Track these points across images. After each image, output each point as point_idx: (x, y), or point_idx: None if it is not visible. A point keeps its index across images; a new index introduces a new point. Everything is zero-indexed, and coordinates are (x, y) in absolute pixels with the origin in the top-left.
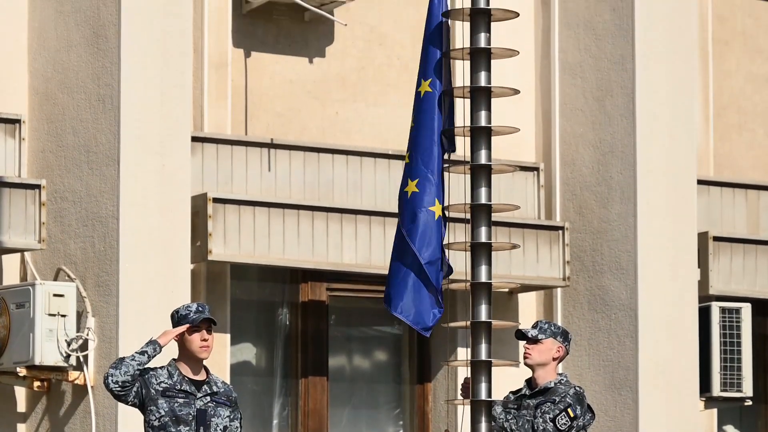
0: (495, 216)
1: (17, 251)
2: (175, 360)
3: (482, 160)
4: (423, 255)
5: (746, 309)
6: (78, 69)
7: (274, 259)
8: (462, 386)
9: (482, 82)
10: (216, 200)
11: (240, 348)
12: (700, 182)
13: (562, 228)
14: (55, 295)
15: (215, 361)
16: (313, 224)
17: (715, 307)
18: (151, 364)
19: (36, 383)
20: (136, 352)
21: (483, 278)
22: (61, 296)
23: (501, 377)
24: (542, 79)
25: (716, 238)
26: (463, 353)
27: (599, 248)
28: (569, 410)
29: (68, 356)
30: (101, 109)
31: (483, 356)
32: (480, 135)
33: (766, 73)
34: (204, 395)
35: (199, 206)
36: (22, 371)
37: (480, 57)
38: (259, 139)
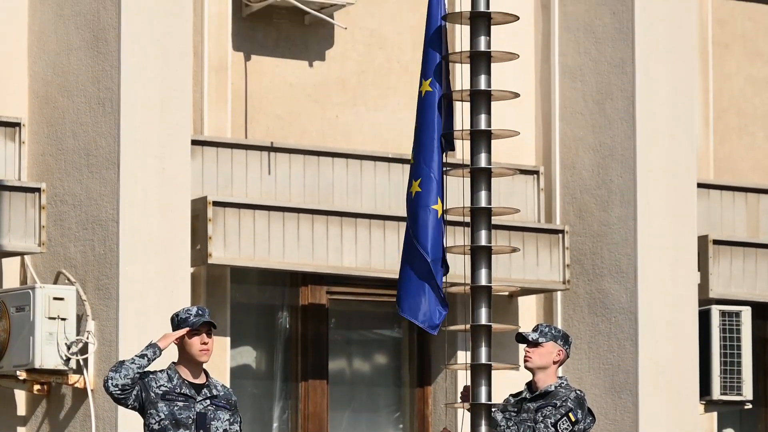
0: (495, 219)
1: (17, 254)
2: (175, 363)
3: (482, 164)
4: (428, 253)
5: (746, 312)
6: (78, 72)
7: (274, 263)
8: (462, 395)
9: (482, 86)
10: (216, 203)
11: (240, 351)
12: (700, 185)
13: (562, 231)
14: (55, 299)
15: (215, 365)
16: (313, 227)
17: (715, 311)
18: (151, 368)
19: (36, 387)
20: (136, 356)
21: (483, 281)
22: (61, 299)
23: (501, 381)
24: (542, 83)
25: (716, 242)
26: (463, 357)
27: (599, 251)
28: (570, 414)
29: (68, 359)
30: (101, 113)
31: (483, 360)
32: (480, 138)
33: (766, 76)
34: (204, 398)
35: (199, 209)
36: (22, 375)
37: (480, 60)
38: (259, 143)
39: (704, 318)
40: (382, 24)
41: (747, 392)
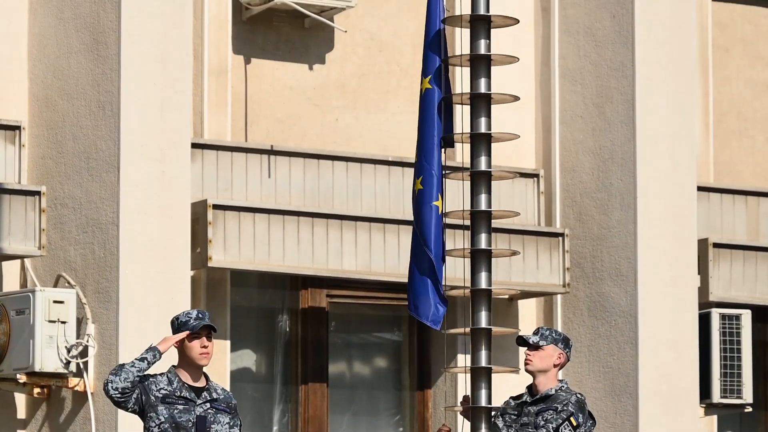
0: (495, 222)
1: (17, 258)
2: (175, 367)
3: (482, 167)
4: (431, 250)
5: (746, 315)
6: (78, 75)
7: (274, 266)
8: (461, 404)
9: (482, 89)
10: (216, 207)
11: (240, 355)
12: (700, 189)
13: (562, 234)
14: (55, 302)
15: (215, 368)
16: (313, 231)
17: (715, 314)
18: (151, 371)
19: (36, 390)
20: (136, 359)
21: (483, 285)
22: (61, 303)
23: (501, 384)
24: (542, 86)
25: (716, 245)
26: (463, 360)
27: (599, 255)
28: (572, 419)
29: (68, 363)
30: (101, 116)
31: (483, 363)
32: (480, 141)
33: (766, 80)
34: (204, 402)
35: (199, 213)
36: (22, 378)
37: (480, 64)
38: (259, 146)
39: (704, 321)
40: (382, 27)
41: (747, 395)
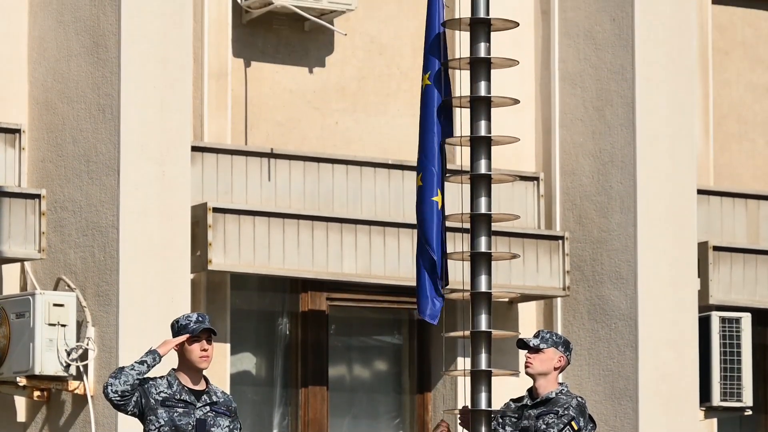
0: (495, 226)
1: (17, 261)
2: (175, 370)
3: (482, 170)
4: (432, 248)
5: (746, 319)
6: (78, 78)
7: (274, 269)
8: (460, 415)
9: (482, 92)
10: (216, 210)
11: (240, 358)
12: (700, 192)
13: (562, 238)
14: (55, 305)
15: (215, 371)
16: (313, 234)
17: (715, 317)
18: (151, 374)
19: (36, 393)
20: (136, 362)
21: (483, 288)
22: (61, 306)
23: (501, 387)
24: (542, 89)
25: (716, 248)
26: (463, 363)
27: (599, 258)
28: (573, 423)
29: (68, 366)
30: (101, 119)
31: (483, 366)
32: (480, 145)
33: (766, 83)
34: (203, 405)
35: (199, 216)
36: (22, 381)
37: (480, 67)
38: (259, 149)
39: (704, 324)
40: (382, 30)
41: (747, 398)
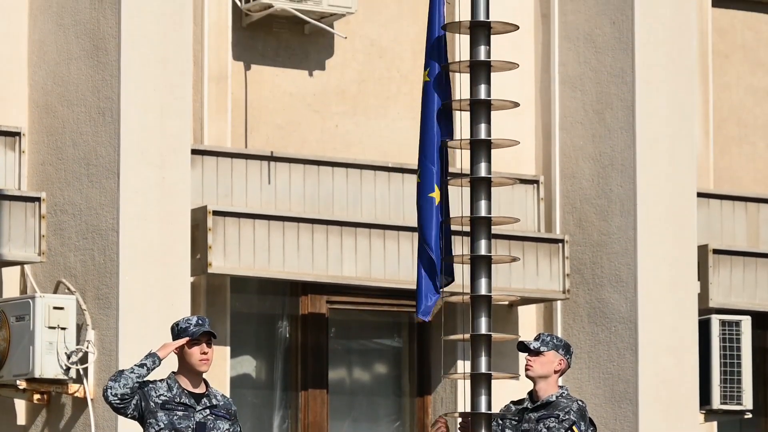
0: (495, 229)
1: (17, 264)
2: (175, 373)
3: (482, 173)
4: (430, 246)
5: (746, 322)
6: (78, 82)
7: (274, 272)
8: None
9: (482, 95)
10: (216, 213)
11: (240, 361)
12: (700, 195)
13: (562, 241)
14: (55, 308)
15: (215, 374)
16: (313, 237)
17: (715, 320)
18: (151, 377)
19: (36, 396)
20: (135, 365)
21: (483, 291)
22: (61, 309)
23: (501, 390)
24: (542, 92)
25: (716, 251)
26: (463, 366)
27: (599, 261)
28: (574, 428)
29: (68, 369)
30: (101, 122)
31: (483, 369)
32: (480, 148)
33: (766, 86)
34: (203, 408)
35: (199, 219)
36: (22, 384)
37: (480, 70)
38: (259, 152)
39: (704, 327)
40: (382, 33)
41: (747, 402)
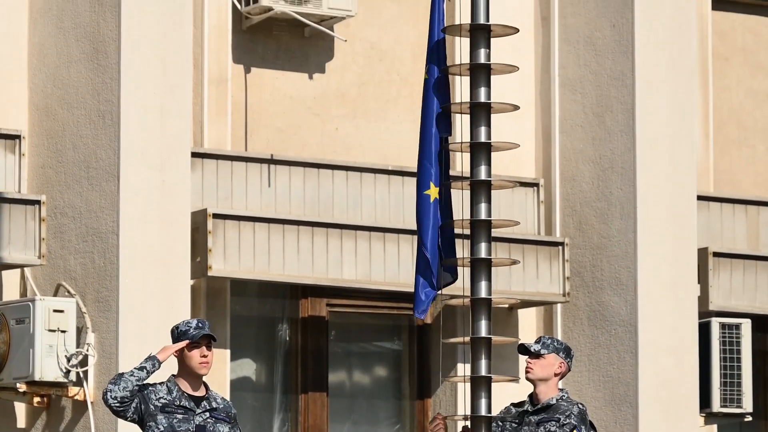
0: (495, 232)
1: (17, 267)
2: (175, 376)
3: (482, 176)
4: (424, 242)
5: (746, 325)
6: (78, 85)
7: (274, 275)
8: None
9: (482, 98)
10: (216, 216)
11: (240, 364)
12: (700, 198)
13: (562, 244)
14: (55, 311)
15: (215, 377)
16: (313, 240)
17: (715, 323)
18: (151, 380)
19: (36, 399)
20: (135, 368)
21: (483, 294)
22: (61, 312)
23: (501, 393)
24: (542, 95)
25: (716, 254)
26: (463, 369)
27: (599, 264)
28: None
29: (68, 372)
30: (101, 125)
31: (483, 372)
32: (480, 151)
33: (766, 89)
34: (203, 411)
35: (199, 222)
36: (22, 387)
37: (480, 73)
38: (259, 155)
39: (704, 330)
40: (382, 36)
41: (747, 405)
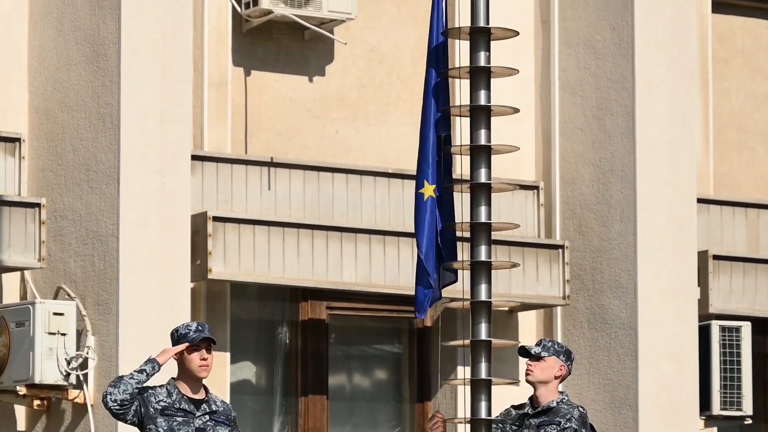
0: (495, 234)
1: (17, 270)
2: (175, 379)
3: (482, 179)
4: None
5: (746, 327)
6: (78, 88)
7: (274, 278)
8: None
9: (482, 101)
10: (216, 219)
11: (240, 367)
12: (700, 201)
13: (562, 247)
14: (55, 314)
15: (215, 380)
16: (313, 243)
17: (715, 326)
18: (151, 383)
19: (36, 402)
20: (135, 371)
21: (483, 297)
22: (61, 315)
23: (501, 396)
24: (542, 98)
25: (716, 257)
26: (463, 372)
27: (599, 267)
28: None
29: (68, 375)
30: (101, 128)
31: (483, 375)
32: (480, 154)
33: (766, 92)
34: (203, 414)
35: (199, 225)
36: (22, 390)
37: (480, 76)
38: (259, 158)
39: (704, 333)
40: (382, 39)
41: (747, 407)
